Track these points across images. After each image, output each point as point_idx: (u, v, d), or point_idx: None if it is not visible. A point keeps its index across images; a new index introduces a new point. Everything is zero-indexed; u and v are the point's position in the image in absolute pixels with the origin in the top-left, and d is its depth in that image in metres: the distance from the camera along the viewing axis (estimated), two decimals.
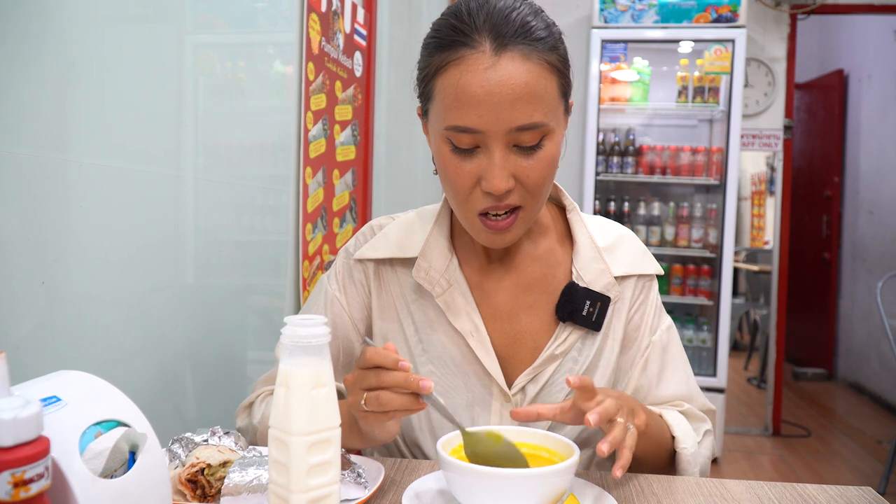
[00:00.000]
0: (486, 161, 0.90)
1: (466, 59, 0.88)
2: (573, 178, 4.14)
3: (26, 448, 0.48)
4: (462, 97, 0.87)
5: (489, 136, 0.88)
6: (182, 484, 0.80)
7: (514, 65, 0.87)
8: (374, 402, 0.80)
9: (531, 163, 0.90)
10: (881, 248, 5.20)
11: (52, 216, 0.91)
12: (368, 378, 0.81)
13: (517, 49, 0.87)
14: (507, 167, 0.89)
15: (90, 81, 0.98)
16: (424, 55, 0.95)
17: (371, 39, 2.19)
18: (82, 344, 0.98)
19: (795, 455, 4.06)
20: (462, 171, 0.92)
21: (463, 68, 0.88)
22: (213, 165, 1.35)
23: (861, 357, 5.47)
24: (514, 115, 0.87)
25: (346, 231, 2.06)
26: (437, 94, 0.92)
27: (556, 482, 0.75)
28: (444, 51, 0.90)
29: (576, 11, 4.33)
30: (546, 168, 0.92)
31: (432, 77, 0.92)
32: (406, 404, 0.80)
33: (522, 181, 0.91)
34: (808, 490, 0.91)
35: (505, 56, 0.87)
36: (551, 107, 0.90)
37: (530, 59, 0.87)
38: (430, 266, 1.06)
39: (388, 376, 0.79)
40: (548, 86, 0.89)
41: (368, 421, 0.83)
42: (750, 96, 4.34)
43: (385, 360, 0.80)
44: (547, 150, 0.91)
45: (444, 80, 0.90)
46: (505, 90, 0.86)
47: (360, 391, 0.82)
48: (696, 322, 4.21)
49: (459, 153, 0.91)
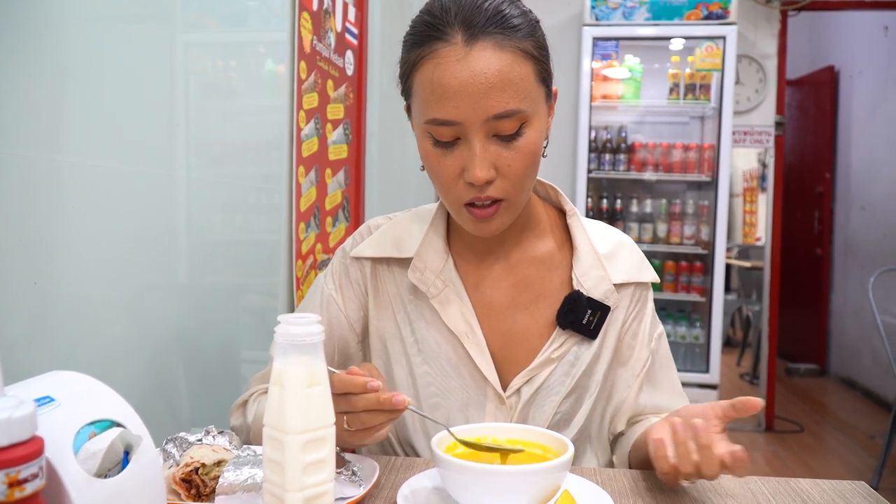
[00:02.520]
0: (467, 152, 0.90)
1: (439, 52, 0.89)
2: (566, 175, 4.14)
3: (20, 448, 0.48)
4: (437, 90, 0.89)
5: (467, 126, 0.89)
6: (176, 483, 0.80)
7: (486, 54, 0.87)
8: (356, 423, 0.82)
9: (512, 153, 0.91)
10: (873, 243, 5.23)
11: (45, 216, 0.91)
12: (340, 404, 0.80)
13: (489, 38, 0.88)
14: (488, 157, 0.90)
15: (82, 81, 0.97)
16: (403, 53, 0.96)
17: (362, 38, 2.19)
18: (76, 344, 0.98)
19: (789, 450, 4.08)
20: (444, 165, 0.92)
21: (436, 62, 0.89)
22: (205, 164, 1.35)
23: (853, 352, 5.50)
24: (490, 104, 0.87)
25: (339, 230, 2.06)
26: (415, 89, 0.93)
27: (550, 478, 0.75)
28: (419, 46, 0.92)
29: (567, 9, 4.33)
30: (527, 157, 0.92)
31: (410, 73, 0.94)
32: (387, 417, 0.81)
33: (503, 172, 0.91)
34: (802, 485, 0.92)
35: (476, 46, 0.87)
36: (528, 93, 0.90)
37: (503, 48, 0.88)
38: (425, 266, 1.06)
39: (360, 400, 0.80)
40: (523, 72, 0.89)
41: (356, 438, 0.84)
42: (741, 93, 4.35)
43: (353, 387, 0.80)
44: (527, 137, 0.91)
45: (420, 76, 0.91)
46: (478, 80, 0.87)
47: (336, 415, 0.83)
48: (689, 318, 4.23)
49: (441, 146, 0.92)
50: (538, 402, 1.04)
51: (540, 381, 1.04)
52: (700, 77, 4.01)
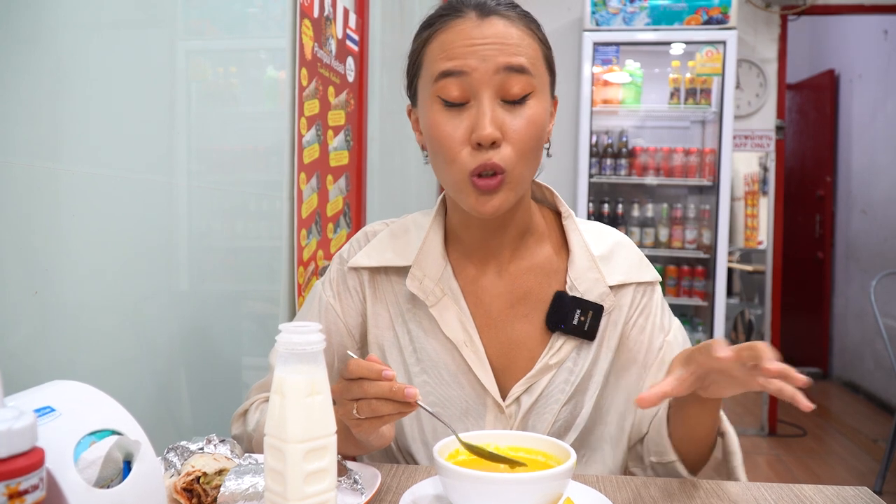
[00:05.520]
0: (475, 112, 0.93)
1: (452, 23, 0.95)
2: (567, 180, 4.14)
3: (21, 459, 0.48)
4: (449, 48, 0.94)
5: (477, 81, 0.92)
6: (178, 492, 0.80)
7: (500, 24, 0.94)
8: (366, 410, 0.81)
9: (517, 120, 0.93)
10: (874, 247, 5.22)
11: (45, 225, 0.91)
12: (353, 389, 0.81)
13: (501, 17, 0.94)
14: (496, 117, 0.93)
15: (82, 88, 0.97)
16: (414, 40, 1.01)
17: (363, 45, 2.19)
18: (76, 353, 0.98)
19: (791, 455, 4.07)
20: (452, 128, 0.94)
21: (449, 30, 0.95)
22: (206, 171, 1.35)
23: (855, 356, 5.48)
24: (501, 58, 0.92)
25: (341, 236, 2.06)
26: (425, 60, 0.98)
27: (552, 486, 0.75)
28: (431, 25, 0.97)
29: (567, 14, 4.34)
30: (531, 128, 0.94)
31: (421, 50, 0.99)
32: (398, 408, 0.81)
33: (509, 136, 0.93)
34: (805, 491, 0.92)
35: (489, 20, 0.94)
36: (536, 65, 0.95)
37: (515, 24, 0.95)
38: (423, 275, 1.05)
39: (373, 387, 0.80)
40: (533, 46, 0.96)
41: (362, 428, 0.84)
42: (742, 97, 4.36)
43: (369, 371, 0.80)
44: (533, 108, 0.94)
45: (432, 45, 0.97)
46: (490, 40, 0.93)
47: (347, 402, 0.82)
48: (691, 323, 4.22)
49: (449, 109, 0.94)
50: (538, 411, 1.03)
51: (540, 390, 1.03)
52: (700, 82, 4.01)
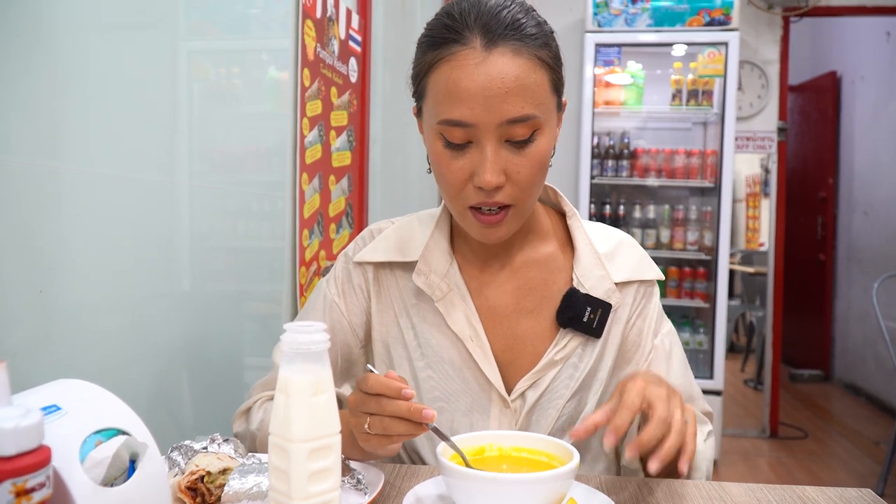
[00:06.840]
0: (478, 156, 0.91)
1: (457, 55, 0.89)
2: (568, 181, 4.14)
3: (28, 457, 0.48)
4: (453, 91, 0.89)
5: (481, 129, 0.89)
6: (182, 492, 0.80)
7: (505, 59, 0.88)
8: (378, 427, 0.81)
9: (522, 159, 0.91)
10: (876, 248, 5.22)
11: (48, 224, 0.91)
12: (370, 404, 0.81)
13: (507, 45, 0.89)
14: (499, 162, 0.90)
15: (84, 89, 0.98)
16: (418, 54, 0.97)
17: (366, 45, 2.19)
18: (79, 352, 0.98)
19: (793, 457, 4.07)
20: (454, 167, 0.93)
21: (454, 64, 0.89)
22: (208, 172, 1.35)
23: (857, 358, 5.48)
24: (505, 109, 0.88)
25: (343, 237, 2.06)
26: (429, 90, 0.94)
27: (555, 486, 0.75)
28: (435, 48, 0.92)
29: (569, 15, 4.34)
30: (537, 164, 0.93)
31: (425, 75, 0.94)
32: (410, 429, 0.80)
33: (513, 178, 0.92)
34: (808, 492, 0.92)
35: (495, 52, 0.88)
36: (542, 100, 0.91)
37: (521, 55, 0.89)
38: (430, 270, 1.06)
39: (391, 405, 0.80)
40: (538, 80, 0.91)
41: (371, 444, 0.84)
42: (744, 99, 4.35)
43: (387, 389, 0.80)
44: (538, 144, 0.92)
45: (436, 77, 0.92)
46: (495, 84, 0.87)
47: (361, 414, 0.82)
48: (693, 324, 4.22)
49: (452, 148, 0.92)
50: (542, 406, 1.04)
51: (545, 385, 1.03)
52: (702, 83, 4.00)
